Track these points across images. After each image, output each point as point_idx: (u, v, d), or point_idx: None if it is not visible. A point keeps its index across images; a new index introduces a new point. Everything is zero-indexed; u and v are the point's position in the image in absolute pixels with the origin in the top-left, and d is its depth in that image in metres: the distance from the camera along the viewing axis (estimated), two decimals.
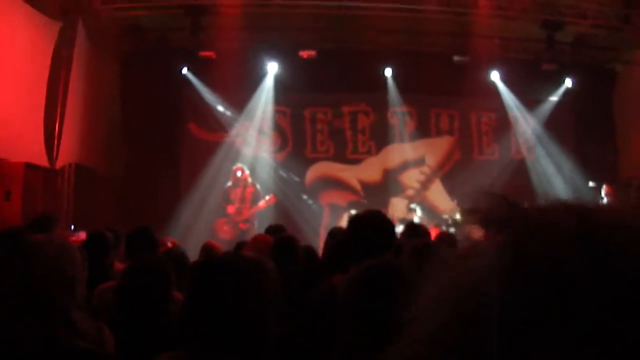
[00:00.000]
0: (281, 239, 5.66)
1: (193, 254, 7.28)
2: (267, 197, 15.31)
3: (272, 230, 7.18)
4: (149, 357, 2.64)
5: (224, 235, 14.97)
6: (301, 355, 3.40)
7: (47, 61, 12.48)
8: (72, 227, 11.75)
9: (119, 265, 5.97)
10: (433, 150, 17.42)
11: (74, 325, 2.87)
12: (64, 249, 3.02)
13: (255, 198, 15.42)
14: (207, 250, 7.09)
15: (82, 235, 10.22)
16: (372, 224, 4.14)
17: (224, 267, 2.58)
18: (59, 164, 12.87)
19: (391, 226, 4.23)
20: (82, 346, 2.79)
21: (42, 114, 12.36)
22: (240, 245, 7.32)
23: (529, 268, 0.62)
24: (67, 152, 13.19)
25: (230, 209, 15.60)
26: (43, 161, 12.29)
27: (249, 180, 15.66)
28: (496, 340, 0.59)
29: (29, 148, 11.76)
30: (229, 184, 15.56)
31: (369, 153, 17.36)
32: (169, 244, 8.04)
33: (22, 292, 2.82)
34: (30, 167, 11.35)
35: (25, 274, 2.85)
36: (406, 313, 0.70)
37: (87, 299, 4.53)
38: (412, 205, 15.89)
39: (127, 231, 6.00)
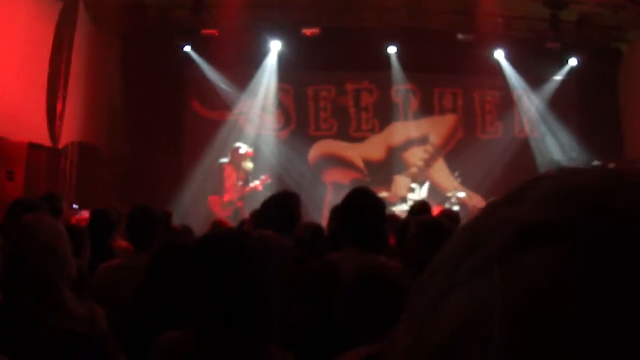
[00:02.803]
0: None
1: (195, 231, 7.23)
2: (263, 177, 15.25)
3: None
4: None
5: (220, 213, 14.90)
6: (300, 333, 3.41)
7: (49, 40, 12.44)
8: (75, 206, 11.76)
9: (121, 243, 5.99)
10: (436, 128, 17.38)
11: (65, 306, 2.86)
12: (55, 228, 3.02)
13: (251, 177, 15.32)
14: (217, 227, 6.94)
15: (85, 214, 10.23)
16: (360, 202, 4.15)
17: (227, 242, 2.57)
18: (61, 143, 12.86)
19: (380, 203, 4.24)
20: (74, 330, 2.79)
21: (44, 94, 12.33)
22: (242, 223, 7.31)
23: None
24: (70, 131, 13.18)
25: (225, 186, 15.52)
26: (46, 140, 12.29)
27: (246, 158, 15.55)
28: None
29: (32, 127, 11.75)
30: (224, 160, 15.48)
31: (372, 131, 17.32)
32: None
33: (14, 272, 2.81)
34: (33, 146, 11.34)
35: (17, 254, 2.85)
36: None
37: (88, 277, 4.54)
38: (412, 185, 15.86)
39: (129, 210, 6.01)
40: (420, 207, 7.03)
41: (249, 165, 15.37)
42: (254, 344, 2.43)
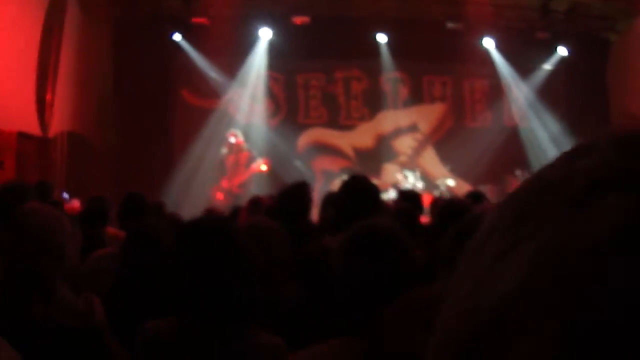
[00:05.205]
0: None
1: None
2: (260, 160, 15.26)
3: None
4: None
5: (220, 202, 14.92)
6: (294, 318, 3.44)
7: (38, 29, 12.37)
8: (66, 195, 11.75)
9: (111, 230, 5.99)
10: (426, 116, 17.43)
11: (57, 299, 2.73)
12: (55, 217, 2.88)
13: (250, 163, 15.36)
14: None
15: (76, 203, 10.24)
16: (355, 188, 4.18)
17: (206, 228, 2.59)
18: (51, 133, 12.82)
19: (375, 189, 4.27)
20: (64, 325, 2.69)
21: (34, 83, 12.29)
22: (236, 211, 7.33)
23: None
24: (60, 120, 13.14)
25: (226, 176, 15.53)
26: (36, 130, 12.24)
27: (243, 145, 15.58)
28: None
29: (22, 117, 11.71)
30: (224, 151, 15.47)
31: (362, 119, 17.36)
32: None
33: (11, 262, 2.73)
34: (23, 136, 11.31)
35: (15, 243, 2.75)
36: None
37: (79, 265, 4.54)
38: (405, 172, 15.92)
39: (120, 198, 6.01)
40: (403, 196, 7.07)
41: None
42: (241, 329, 2.45)
